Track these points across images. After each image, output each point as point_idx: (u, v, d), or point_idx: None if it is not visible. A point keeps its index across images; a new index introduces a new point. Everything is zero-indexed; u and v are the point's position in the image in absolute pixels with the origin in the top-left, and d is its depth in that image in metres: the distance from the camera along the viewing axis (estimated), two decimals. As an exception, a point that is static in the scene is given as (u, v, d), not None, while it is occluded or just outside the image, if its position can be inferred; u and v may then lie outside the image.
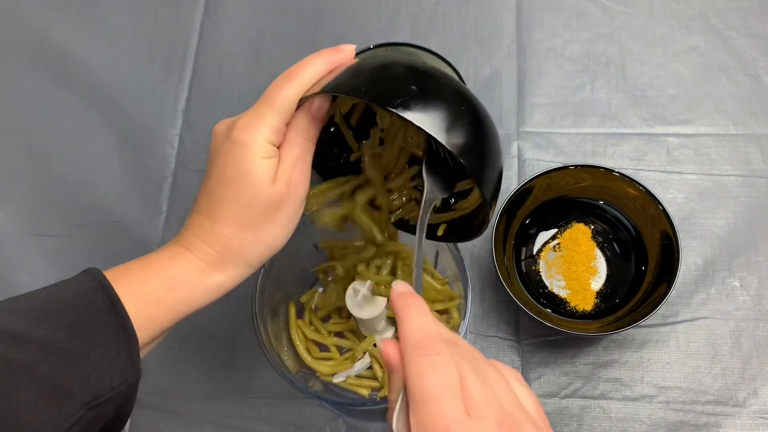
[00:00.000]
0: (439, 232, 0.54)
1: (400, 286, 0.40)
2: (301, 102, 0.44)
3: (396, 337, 0.63)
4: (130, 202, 0.77)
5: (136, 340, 0.41)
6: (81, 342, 0.40)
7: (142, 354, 0.43)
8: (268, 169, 0.43)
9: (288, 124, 0.45)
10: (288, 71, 0.44)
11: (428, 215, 0.47)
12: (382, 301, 0.58)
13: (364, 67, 0.45)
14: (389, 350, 0.37)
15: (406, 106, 0.41)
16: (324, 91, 0.43)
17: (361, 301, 0.57)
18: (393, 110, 0.40)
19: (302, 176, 0.45)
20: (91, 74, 0.83)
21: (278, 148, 0.44)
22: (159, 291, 0.43)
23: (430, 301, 0.61)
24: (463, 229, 0.53)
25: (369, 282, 0.58)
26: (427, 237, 0.52)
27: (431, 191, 0.48)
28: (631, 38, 0.80)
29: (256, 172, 0.43)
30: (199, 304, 0.45)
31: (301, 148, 0.45)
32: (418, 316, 0.37)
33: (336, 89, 0.43)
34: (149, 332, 0.43)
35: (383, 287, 0.57)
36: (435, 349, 0.35)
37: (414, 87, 0.42)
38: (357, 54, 0.47)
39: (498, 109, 0.78)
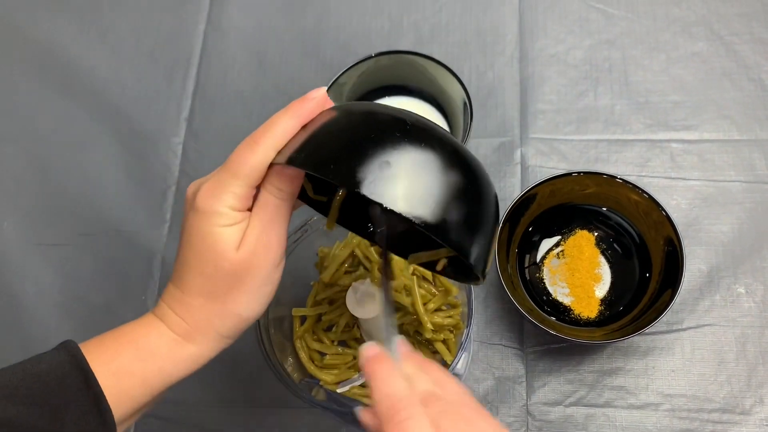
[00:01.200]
0: (438, 267, 0.50)
1: (367, 350, 0.39)
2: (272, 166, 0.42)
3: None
4: (134, 211, 0.77)
5: (111, 415, 0.40)
6: (51, 421, 0.38)
7: (120, 430, 0.42)
8: (230, 237, 0.41)
9: (261, 184, 0.42)
10: (253, 135, 0.41)
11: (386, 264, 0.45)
12: None
13: (330, 128, 0.41)
14: (367, 419, 0.38)
15: (370, 183, 0.37)
16: (284, 162, 0.40)
17: (361, 298, 0.57)
18: (353, 189, 0.37)
19: (272, 239, 0.42)
20: (95, 83, 0.83)
21: (250, 209, 0.42)
22: (132, 363, 0.41)
23: (433, 310, 0.61)
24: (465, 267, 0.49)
25: (368, 280, 0.57)
26: (429, 269, 0.50)
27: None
28: (634, 44, 0.80)
29: (217, 241, 0.40)
30: (174, 377, 0.43)
31: (273, 209, 0.41)
32: (386, 383, 0.37)
33: (294, 160, 0.39)
34: (124, 407, 0.41)
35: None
36: (406, 414, 0.35)
37: (389, 154, 0.38)
38: (358, 63, 0.45)
39: (501, 116, 0.78)
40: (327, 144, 0.40)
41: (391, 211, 0.37)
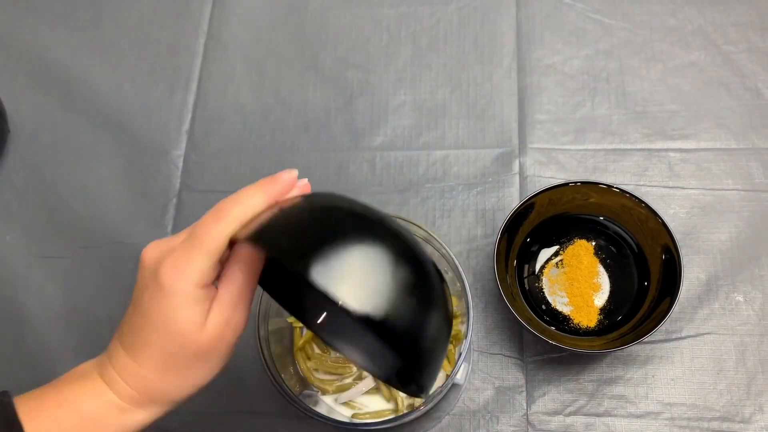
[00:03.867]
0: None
1: None
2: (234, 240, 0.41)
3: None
4: (135, 223, 0.77)
5: None
6: None
7: None
8: (197, 317, 0.40)
9: (229, 259, 0.41)
10: (219, 206, 0.40)
11: None
12: None
13: (294, 216, 0.41)
14: None
15: (318, 270, 0.36)
16: (250, 238, 0.39)
17: None
18: (295, 270, 0.36)
19: (240, 319, 0.41)
20: (96, 96, 0.84)
21: (216, 282, 0.41)
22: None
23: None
24: None
25: None
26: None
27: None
28: (631, 54, 0.80)
29: (181, 322, 0.39)
30: None
31: (240, 286, 0.41)
32: None
33: (252, 237, 0.39)
34: None
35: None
36: None
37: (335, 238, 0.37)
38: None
39: (499, 126, 0.78)
40: (289, 231, 0.39)
41: (343, 309, 0.36)
